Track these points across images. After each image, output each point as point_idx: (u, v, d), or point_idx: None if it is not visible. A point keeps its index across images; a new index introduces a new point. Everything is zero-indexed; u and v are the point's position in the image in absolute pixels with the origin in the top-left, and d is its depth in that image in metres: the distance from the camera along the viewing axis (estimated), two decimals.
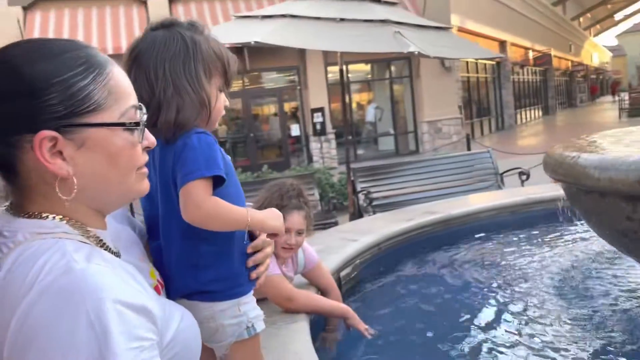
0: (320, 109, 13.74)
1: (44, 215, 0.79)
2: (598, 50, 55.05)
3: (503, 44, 21.42)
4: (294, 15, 4.80)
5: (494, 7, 19.62)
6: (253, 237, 1.23)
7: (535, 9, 25.61)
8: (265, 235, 1.22)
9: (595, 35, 54.45)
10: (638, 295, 2.65)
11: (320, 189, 7.47)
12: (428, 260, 3.47)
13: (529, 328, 2.39)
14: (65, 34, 12.16)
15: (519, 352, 2.19)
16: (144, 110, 0.87)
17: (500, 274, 3.10)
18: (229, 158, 1.22)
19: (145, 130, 0.88)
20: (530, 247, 3.56)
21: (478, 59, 17.71)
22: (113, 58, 0.88)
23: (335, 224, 5.53)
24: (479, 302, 2.76)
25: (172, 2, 13.47)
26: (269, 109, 16.32)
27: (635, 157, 2.00)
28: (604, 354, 2.10)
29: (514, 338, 2.32)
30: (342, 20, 4.73)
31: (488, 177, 6.79)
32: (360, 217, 5.80)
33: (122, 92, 0.84)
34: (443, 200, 4.72)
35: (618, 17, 48.53)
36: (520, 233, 3.83)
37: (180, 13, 13.03)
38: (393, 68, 16.65)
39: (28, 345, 0.68)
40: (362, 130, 17.09)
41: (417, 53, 4.57)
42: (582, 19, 42.34)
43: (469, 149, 10.02)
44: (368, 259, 3.32)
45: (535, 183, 5.11)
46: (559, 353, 2.15)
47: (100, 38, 12.32)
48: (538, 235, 3.76)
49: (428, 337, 2.42)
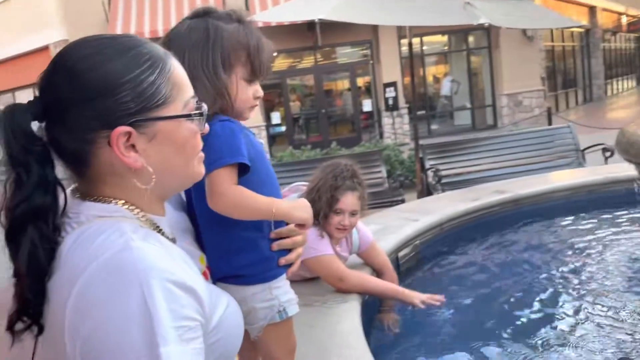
0: (393, 84, 13.47)
1: (107, 200, 0.84)
2: None
3: (592, 10, 19.91)
4: None
5: None
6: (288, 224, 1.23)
7: None
8: (294, 225, 1.22)
9: None
10: None
11: (389, 166, 7.38)
12: (493, 243, 3.36)
13: (599, 319, 2.26)
14: (146, 17, 12.65)
15: (588, 344, 2.08)
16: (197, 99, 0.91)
17: (570, 260, 2.94)
18: (261, 145, 1.22)
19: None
20: (606, 230, 3.34)
21: (563, 27, 16.59)
22: None
23: (402, 202, 5.45)
24: (544, 288, 2.63)
25: None
26: (342, 85, 16.24)
27: None
28: None
29: (583, 329, 2.20)
30: None
31: (568, 153, 6.41)
32: (430, 195, 5.69)
33: (182, 83, 0.88)
34: (515, 179, 4.52)
35: None
36: (597, 215, 3.60)
37: None
38: (471, 39, 15.97)
39: (85, 317, 0.72)
40: (436, 105, 16.63)
41: (487, 25, 4.35)
42: None
43: (550, 124, 9.49)
44: (429, 240, 3.26)
45: (622, 160, 4.77)
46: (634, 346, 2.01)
47: (178, 20, 12.70)
48: (615, 218, 3.51)
49: (486, 323, 2.35)
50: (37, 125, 0.81)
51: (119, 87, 0.80)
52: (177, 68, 0.88)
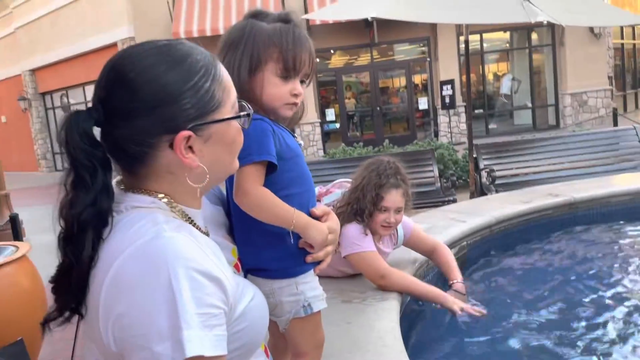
0: (450, 81, 13.21)
1: (149, 193, 0.91)
2: None
3: None
4: None
5: None
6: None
7: None
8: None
9: None
10: None
11: (442, 165, 7.27)
12: (544, 248, 3.25)
13: None
14: (208, 16, 13.00)
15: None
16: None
17: (624, 270, 2.81)
18: (296, 144, 1.26)
19: None
20: None
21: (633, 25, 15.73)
22: None
23: (454, 202, 5.37)
24: (593, 298, 2.50)
25: None
26: (398, 82, 16.09)
27: None
28: None
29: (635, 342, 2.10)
30: None
31: (633, 156, 6.12)
32: (483, 196, 5.57)
33: (229, 86, 0.95)
34: (571, 182, 4.36)
35: None
36: None
37: None
38: (534, 36, 15.42)
39: (117, 298, 0.79)
40: (495, 103, 16.18)
41: (545, 22, 4.21)
42: None
43: (616, 125, 9.07)
44: (477, 241, 3.21)
45: None
46: None
47: (239, 19, 12.96)
48: None
49: (528, 332, 2.26)
50: (97, 130, 0.88)
51: (180, 95, 0.86)
52: (224, 72, 0.94)
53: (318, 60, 14.24)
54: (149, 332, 0.76)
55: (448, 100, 13.05)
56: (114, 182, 0.93)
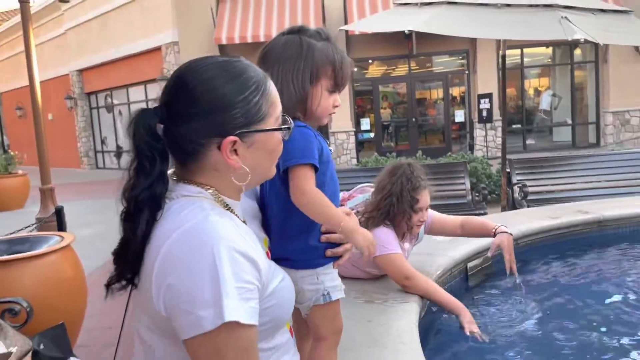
0: (488, 95, 13.15)
1: (198, 184, 1.06)
2: None
3: None
4: (453, 2, 4.75)
5: None
6: None
7: None
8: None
9: None
10: None
11: (475, 179, 7.28)
12: (569, 264, 3.27)
13: None
14: (250, 24, 13.33)
15: None
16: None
17: None
18: (330, 151, 1.41)
19: None
20: None
21: None
22: None
23: (484, 215, 5.39)
24: (615, 318, 2.51)
25: None
26: (435, 94, 16.07)
27: None
28: None
29: None
30: (504, 6, 4.56)
31: None
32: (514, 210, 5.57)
33: (276, 101, 1.09)
34: (603, 200, 4.35)
35: None
36: None
37: (354, 2, 13.38)
38: (577, 52, 15.19)
39: (168, 270, 0.93)
40: (534, 119, 15.97)
41: (582, 40, 4.23)
42: None
43: None
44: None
45: None
46: None
47: (279, 28, 13.25)
48: None
49: (543, 347, 2.29)
50: (160, 127, 1.03)
51: (233, 105, 1.01)
52: (273, 88, 1.09)
53: (355, 70, 14.39)
54: (195, 299, 0.90)
55: (485, 114, 12.99)
56: (169, 172, 1.08)
